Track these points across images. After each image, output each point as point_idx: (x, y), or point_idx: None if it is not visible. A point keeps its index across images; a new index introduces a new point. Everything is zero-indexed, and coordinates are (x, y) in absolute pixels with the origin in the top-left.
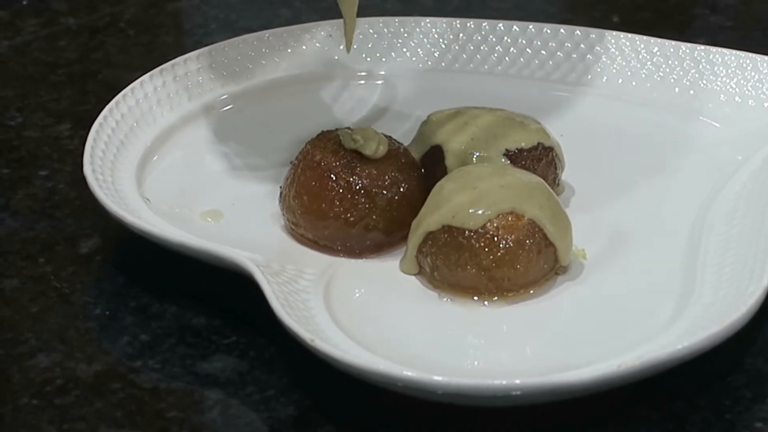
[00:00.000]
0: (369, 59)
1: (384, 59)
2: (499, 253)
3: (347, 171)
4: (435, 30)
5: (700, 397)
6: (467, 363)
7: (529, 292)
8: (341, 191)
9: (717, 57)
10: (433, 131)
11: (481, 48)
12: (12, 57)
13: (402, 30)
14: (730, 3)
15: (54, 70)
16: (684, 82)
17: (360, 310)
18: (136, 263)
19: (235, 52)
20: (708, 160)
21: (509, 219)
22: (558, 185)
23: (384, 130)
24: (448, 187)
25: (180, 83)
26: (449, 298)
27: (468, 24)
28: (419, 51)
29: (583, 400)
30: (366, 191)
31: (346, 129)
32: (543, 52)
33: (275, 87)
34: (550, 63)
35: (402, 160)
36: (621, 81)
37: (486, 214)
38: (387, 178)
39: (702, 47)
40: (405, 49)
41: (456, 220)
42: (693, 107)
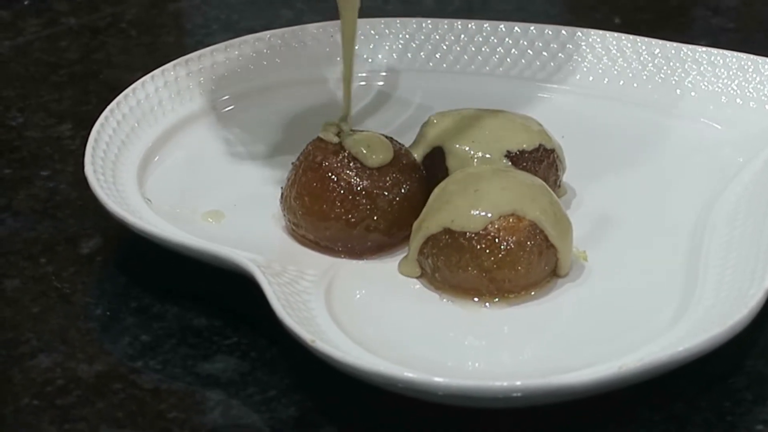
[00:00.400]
0: (370, 60)
1: (385, 60)
2: (500, 255)
3: (348, 172)
4: (436, 31)
5: (701, 399)
6: (468, 364)
7: (530, 293)
8: (342, 192)
9: (718, 59)
10: (435, 133)
11: (483, 49)
12: (13, 57)
13: (404, 31)
14: (731, 5)
15: (55, 70)
16: (685, 83)
17: (361, 311)
18: (137, 264)
19: (237, 52)
20: (709, 161)
21: (510, 220)
22: (559, 187)
23: (385, 131)
24: (448, 190)
25: (181, 84)
26: (450, 299)
27: (469, 25)
28: (420, 52)
29: (584, 401)
30: (367, 192)
31: (351, 132)
32: (544, 53)
33: (276, 88)
34: (551, 64)
35: (403, 161)
36: (622, 83)
37: (486, 216)
38: (388, 179)
39: (703, 49)
40: (406, 51)
41: (455, 224)
42: (694, 109)
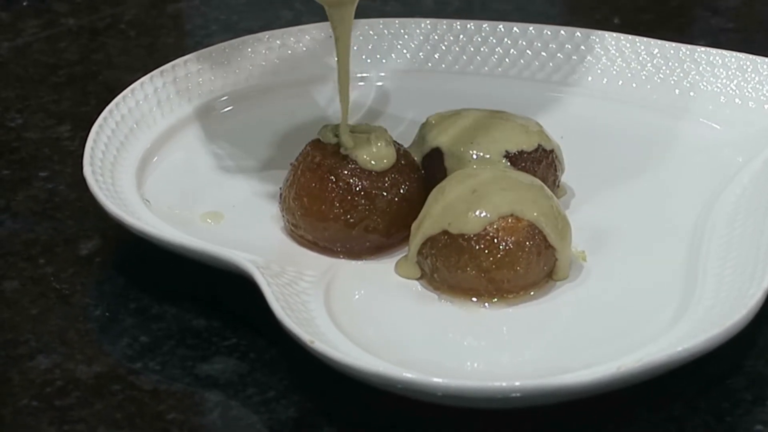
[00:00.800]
0: (369, 61)
1: (384, 60)
2: (499, 255)
3: (347, 172)
4: (435, 31)
5: (700, 400)
6: (467, 365)
7: (529, 293)
8: (341, 193)
9: (717, 59)
10: (433, 133)
11: (482, 49)
12: (12, 58)
13: (402, 31)
14: (731, 5)
15: (54, 71)
16: (685, 83)
17: (360, 311)
18: (136, 265)
19: (236, 53)
20: (709, 162)
21: (509, 221)
22: (558, 187)
23: None
24: (447, 191)
25: (180, 85)
26: (449, 299)
27: (468, 25)
28: (420, 52)
29: (583, 402)
30: (366, 193)
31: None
32: (543, 53)
33: (275, 88)
34: (550, 65)
35: (402, 161)
36: (621, 83)
37: (484, 218)
38: (387, 179)
39: (702, 49)
40: (405, 51)
41: (452, 227)
42: (694, 109)
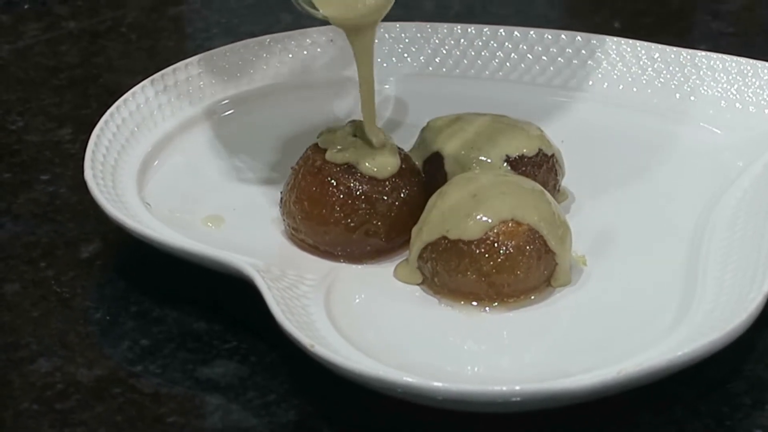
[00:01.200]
0: None
1: (385, 64)
2: (500, 259)
3: (348, 176)
4: (436, 35)
5: (700, 404)
6: (467, 369)
7: (530, 298)
8: (342, 197)
9: (718, 63)
10: (434, 137)
11: (482, 53)
12: (13, 61)
13: (403, 35)
14: (731, 9)
15: (55, 74)
16: (685, 88)
17: (360, 315)
18: (136, 268)
19: (237, 56)
20: (709, 166)
21: (509, 225)
22: (558, 192)
23: None
24: (447, 196)
25: (181, 88)
26: (449, 303)
27: (469, 29)
28: (420, 56)
29: (584, 406)
30: (366, 197)
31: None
32: (544, 57)
33: (276, 92)
34: (551, 69)
35: (403, 165)
36: (622, 87)
37: (485, 222)
38: (387, 183)
39: (703, 53)
40: (406, 55)
41: (451, 233)
42: (694, 113)
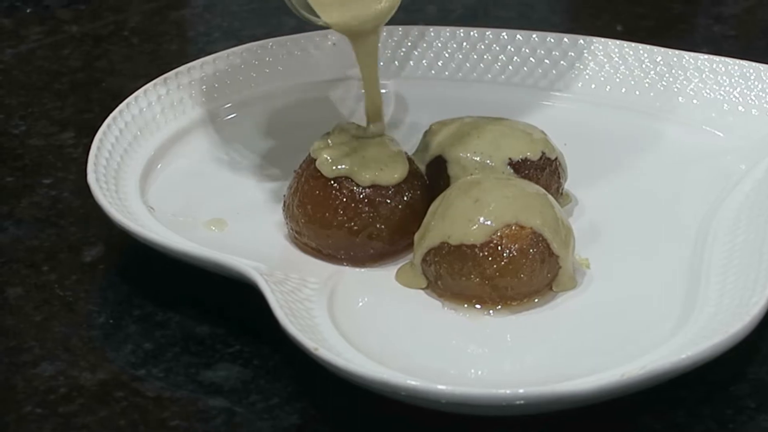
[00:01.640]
0: None
1: (388, 68)
2: (503, 263)
3: (351, 180)
4: (438, 39)
5: (703, 407)
6: (471, 372)
7: (533, 301)
8: (345, 200)
9: (720, 66)
10: (436, 141)
11: (485, 57)
12: (16, 65)
13: (405, 39)
14: (733, 12)
15: (58, 78)
16: (687, 91)
17: (363, 318)
18: (140, 272)
19: (239, 60)
20: (711, 169)
21: (513, 229)
22: (561, 195)
23: None
24: (450, 201)
25: (184, 92)
26: (453, 307)
27: (471, 33)
28: (423, 60)
29: (587, 409)
30: (369, 200)
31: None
32: (546, 61)
33: (279, 96)
34: (553, 72)
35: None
36: (624, 90)
37: (489, 226)
38: (391, 187)
39: (705, 56)
40: (408, 59)
41: (453, 239)
42: (696, 117)
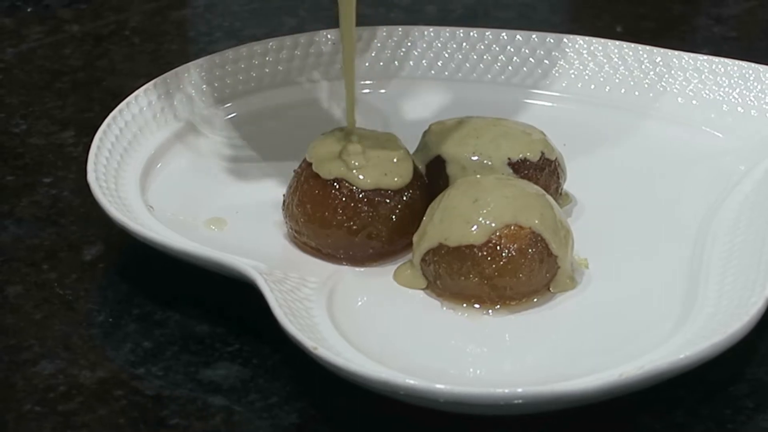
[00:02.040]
0: (373, 68)
1: (388, 68)
2: (502, 263)
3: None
4: (438, 39)
5: (702, 407)
6: (470, 371)
7: (532, 300)
8: (344, 200)
9: (720, 67)
10: (436, 141)
11: (485, 57)
12: (17, 64)
13: (405, 39)
14: (733, 13)
15: (58, 77)
16: (687, 92)
17: (363, 318)
18: (139, 271)
19: (239, 60)
20: (710, 170)
21: (512, 229)
22: (560, 195)
23: None
24: (449, 201)
25: (184, 91)
26: (451, 306)
27: (471, 33)
28: (423, 60)
29: (586, 409)
30: (369, 200)
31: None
32: (546, 61)
33: (279, 95)
34: (553, 73)
35: None
36: (624, 91)
37: (488, 226)
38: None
39: (704, 57)
40: (408, 59)
41: (450, 241)
42: (696, 117)
